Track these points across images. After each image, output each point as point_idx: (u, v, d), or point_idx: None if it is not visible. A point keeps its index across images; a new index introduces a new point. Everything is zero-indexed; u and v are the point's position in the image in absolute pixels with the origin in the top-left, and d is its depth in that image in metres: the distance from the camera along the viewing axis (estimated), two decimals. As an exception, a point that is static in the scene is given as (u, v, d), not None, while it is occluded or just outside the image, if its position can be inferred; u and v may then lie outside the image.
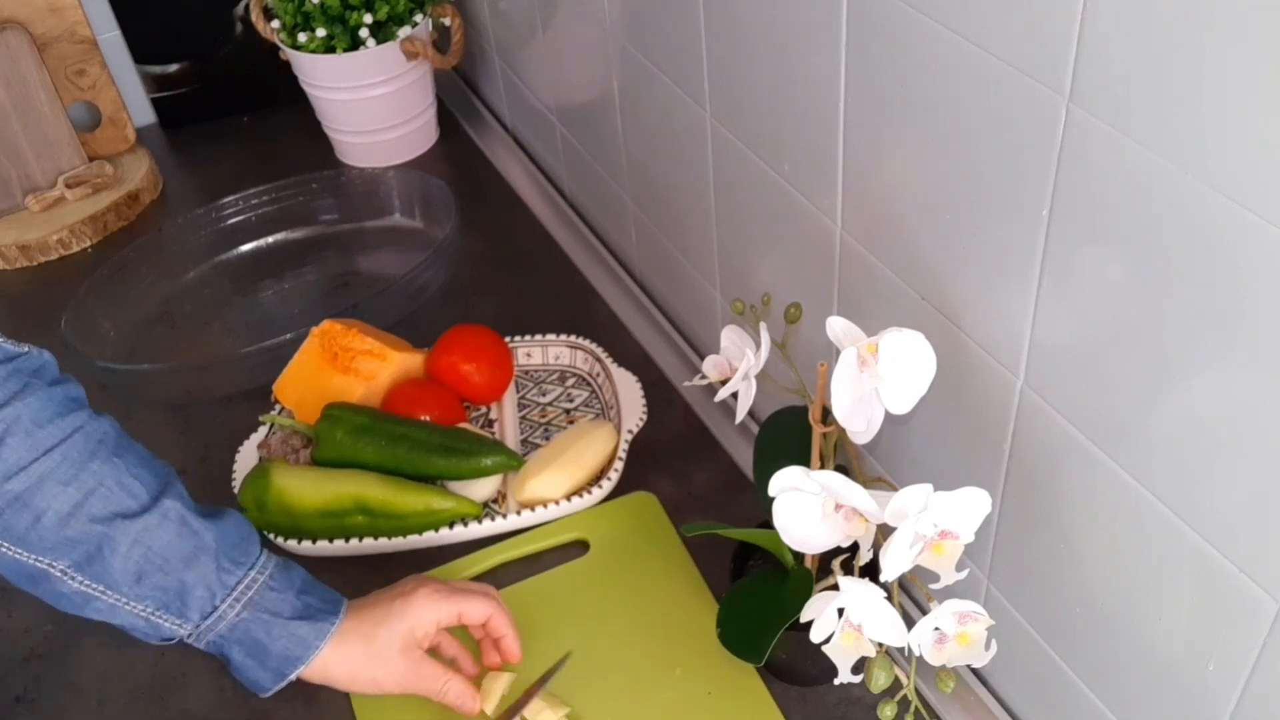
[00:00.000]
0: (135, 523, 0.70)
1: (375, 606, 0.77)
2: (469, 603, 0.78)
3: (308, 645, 0.74)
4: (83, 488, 0.69)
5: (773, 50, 0.75)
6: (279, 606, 0.74)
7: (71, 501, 0.69)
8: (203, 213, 1.27)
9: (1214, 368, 0.50)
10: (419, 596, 0.77)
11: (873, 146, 0.69)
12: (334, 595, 0.78)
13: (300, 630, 0.74)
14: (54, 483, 0.69)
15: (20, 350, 0.71)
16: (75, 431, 0.70)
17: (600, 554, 0.91)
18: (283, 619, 0.74)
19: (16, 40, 1.29)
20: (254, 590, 0.74)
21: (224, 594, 0.73)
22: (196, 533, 0.72)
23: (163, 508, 0.72)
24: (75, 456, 0.69)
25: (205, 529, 0.73)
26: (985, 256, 0.62)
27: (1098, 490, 0.61)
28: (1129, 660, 0.64)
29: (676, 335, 1.12)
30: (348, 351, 1.02)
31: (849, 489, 0.63)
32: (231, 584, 0.73)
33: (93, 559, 0.70)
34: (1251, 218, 0.45)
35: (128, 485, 0.71)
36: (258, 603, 0.74)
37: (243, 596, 0.73)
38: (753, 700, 0.80)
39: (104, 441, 0.71)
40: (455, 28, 1.36)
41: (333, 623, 0.75)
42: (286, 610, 0.74)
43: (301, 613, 0.75)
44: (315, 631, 0.75)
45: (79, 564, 0.70)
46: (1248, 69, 0.43)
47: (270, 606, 0.74)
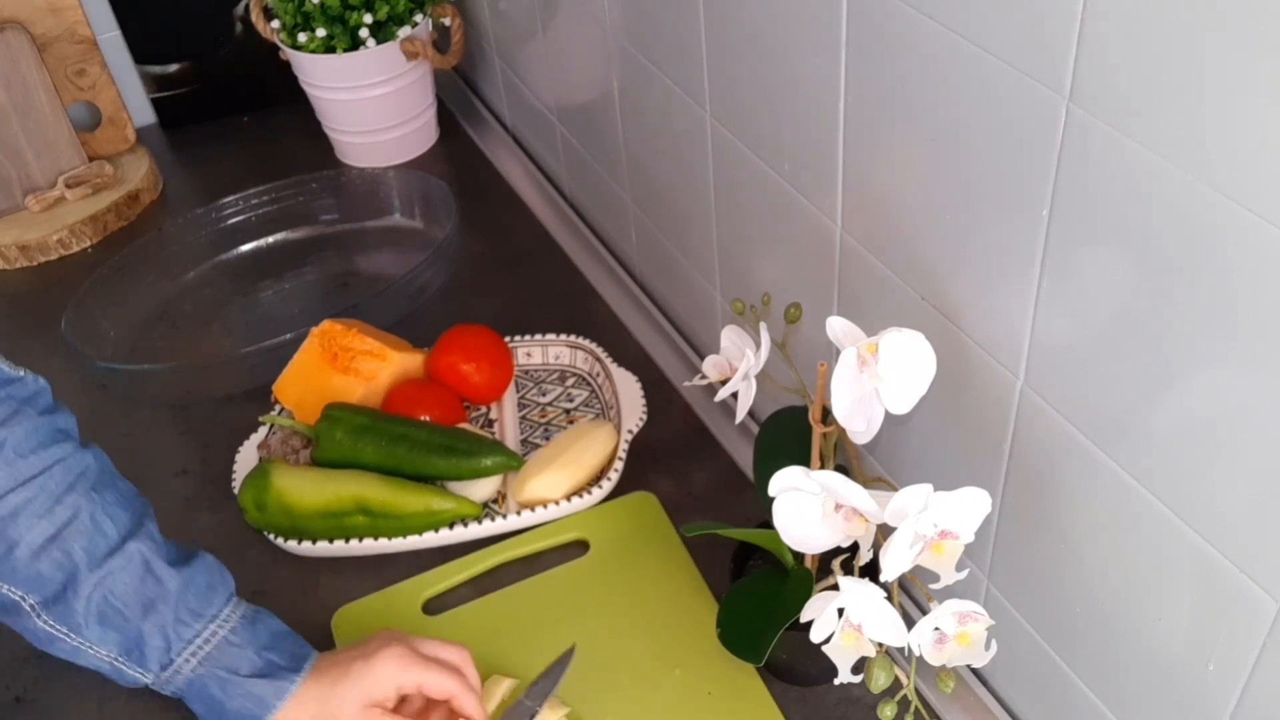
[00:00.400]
0: (100, 568, 0.69)
1: (336, 665, 0.74)
2: (432, 675, 0.74)
3: (265, 705, 0.71)
4: (57, 521, 0.69)
5: (773, 50, 0.75)
6: (237, 663, 0.72)
7: (44, 535, 0.68)
8: (203, 213, 1.27)
9: (1214, 367, 0.50)
10: (380, 659, 0.74)
11: (873, 146, 0.69)
12: (303, 650, 0.75)
13: (258, 689, 0.71)
14: (29, 514, 0.68)
15: (16, 375, 0.71)
16: (56, 464, 0.69)
17: (600, 554, 0.91)
18: (240, 676, 0.71)
19: (16, 40, 1.29)
20: (212, 645, 0.72)
21: (180, 646, 0.71)
22: (159, 580, 0.71)
23: (128, 551, 0.70)
24: (52, 489, 0.69)
25: (169, 577, 0.71)
26: (985, 256, 0.62)
27: (1098, 490, 0.61)
28: (1129, 660, 0.64)
29: (676, 335, 1.12)
30: (348, 351, 1.02)
31: (849, 489, 0.63)
32: (188, 636, 0.71)
33: (58, 598, 0.69)
34: (1251, 218, 0.45)
35: (100, 524, 0.70)
36: (215, 658, 0.71)
37: (199, 651, 0.71)
38: (753, 700, 0.80)
39: (84, 475, 0.71)
40: (455, 28, 1.36)
41: (294, 681, 0.72)
42: (245, 668, 0.72)
43: (261, 670, 0.72)
44: (274, 691, 0.72)
45: (47, 601, 0.69)
46: (1248, 69, 0.43)
47: (228, 664, 0.72)
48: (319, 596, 0.91)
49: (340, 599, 0.90)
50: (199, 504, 1.00)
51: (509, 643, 0.85)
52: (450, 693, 0.75)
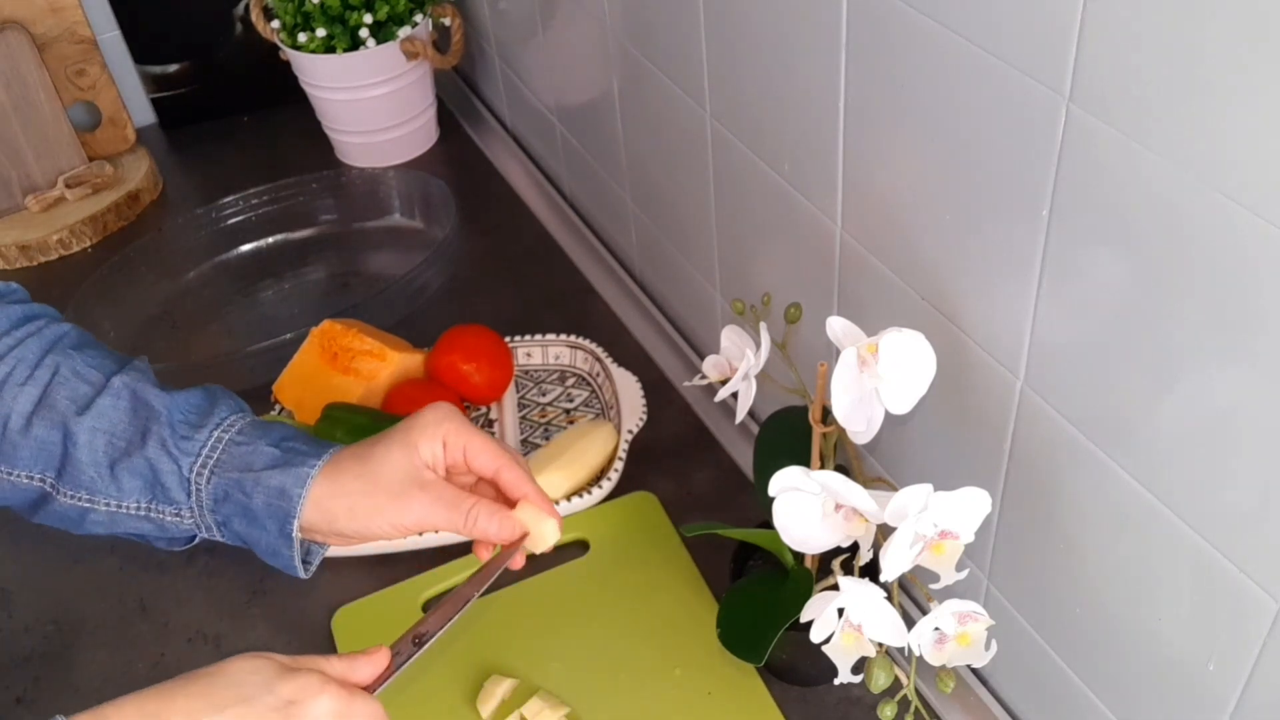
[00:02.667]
0: (90, 409, 0.65)
1: (374, 442, 0.67)
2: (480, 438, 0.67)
3: (288, 495, 0.65)
4: (39, 383, 0.66)
5: (773, 50, 0.75)
6: (249, 460, 0.65)
7: (31, 400, 0.65)
8: (203, 213, 1.27)
9: (1214, 367, 0.50)
10: (424, 413, 0.67)
11: (873, 146, 0.69)
12: (325, 445, 0.68)
13: (275, 479, 0.65)
14: (11, 385, 0.66)
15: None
16: (30, 337, 0.67)
17: (600, 554, 0.91)
18: (255, 471, 0.65)
19: (16, 40, 1.29)
20: (219, 451, 0.66)
21: (189, 461, 0.66)
22: (148, 404, 0.66)
23: (114, 387, 0.66)
24: (29, 357, 0.66)
25: (157, 397, 0.66)
26: (985, 256, 0.62)
27: (1098, 490, 0.61)
28: (1129, 660, 0.64)
29: (676, 335, 1.12)
30: (348, 351, 1.02)
31: (849, 489, 0.63)
32: (194, 450, 0.66)
33: (65, 459, 0.66)
34: (1251, 217, 0.45)
35: (83, 373, 0.67)
36: (226, 463, 0.66)
37: (209, 460, 0.66)
38: (753, 700, 0.80)
39: (62, 339, 0.68)
40: (455, 28, 1.36)
41: (313, 464, 0.65)
42: (258, 462, 0.65)
43: (276, 461, 0.65)
44: (294, 478, 0.65)
45: (58, 471, 0.66)
46: (1248, 69, 0.43)
47: (239, 463, 0.65)
48: (319, 596, 0.91)
49: (340, 599, 0.90)
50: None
51: (509, 643, 0.85)
52: (500, 463, 0.67)
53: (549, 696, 0.80)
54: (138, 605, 0.92)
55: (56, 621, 0.92)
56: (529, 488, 0.67)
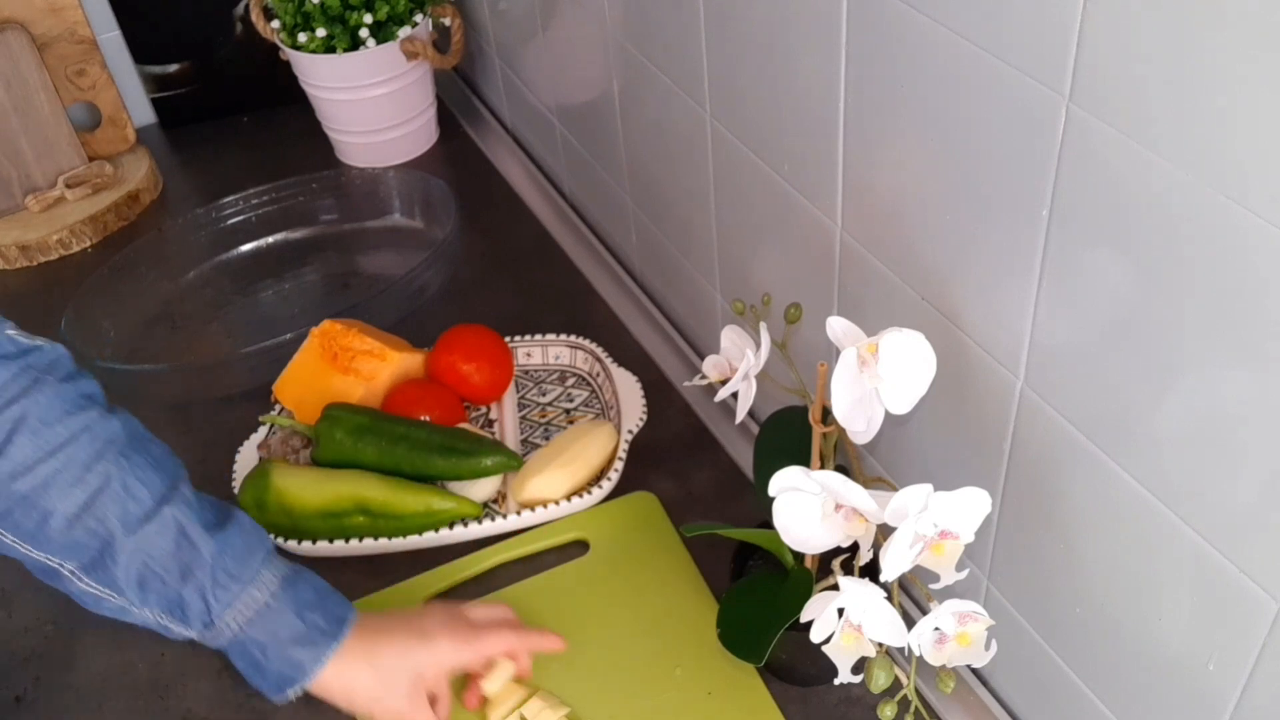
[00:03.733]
0: (136, 531, 0.69)
1: (391, 636, 0.76)
2: (489, 644, 0.78)
3: (303, 670, 0.73)
4: (88, 489, 0.68)
5: (773, 50, 0.75)
6: (276, 628, 0.72)
7: (77, 504, 0.68)
8: (203, 213, 1.27)
9: (1214, 367, 0.50)
10: (439, 642, 0.76)
11: (873, 146, 0.69)
12: (341, 611, 0.75)
13: (296, 655, 0.72)
14: (61, 484, 0.67)
15: (33, 344, 0.70)
16: (83, 431, 0.68)
17: (601, 554, 0.91)
18: (279, 641, 0.72)
19: (16, 40, 1.29)
20: (252, 609, 0.72)
21: (220, 609, 0.71)
22: (194, 545, 0.70)
23: (163, 516, 0.70)
24: (82, 458, 0.68)
25: (204, 541, 0.71)
26: (985, 256, 0.62)
27: (1098, 490, 0.61)
28: (1129, 660, 0.64)
29: (676, 335, 1.12)
30: (348, 351, 1.02)
31: (849, 489, 0.63)
32: (227, 600, 0.71)
33: (97, 563, 0.69)
34: (1251, 217, 0.45)
35: (132, 489, 0.69)
36: (256, 622, 0.72)
37: (240, 615, 0.72)
38: (753, 700, 0.80)
39: (112, 441, 0.70)
40: (455, 28, 1.36)
41: (331, 648, 0.73)
42: (284, 632, 0.72)
43: (300, 637, 0.73)
44: (311, 657, 0.73)
45: (85, 567, 0.69)
46: (1247, 68, 0.43)
47: (268, 628, 0.72)
48: (319, 596, 0.91)
49: (340, 599, 0.90)
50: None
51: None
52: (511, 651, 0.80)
53: (549, 696, 0.80)
54: (138, 605, 0.92)
55: (56, 621, 0.92)
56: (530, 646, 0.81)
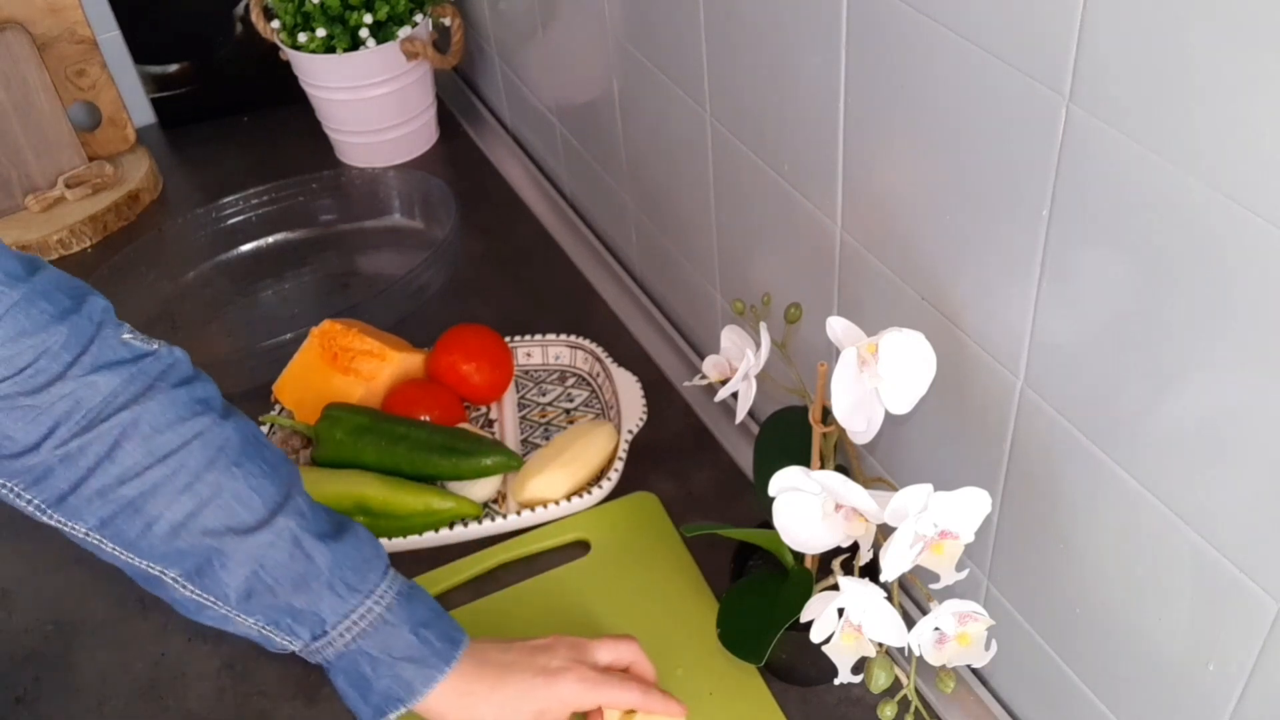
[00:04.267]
0: (247, 540, 0.67)
1: (513, 670, 0.73)
2: (615, 693, 0.74)
3: (412, 690, 0.70)
4: (197, 498, 0.66)
5: (773, 50, 0.75)
6: (390, 643, 0.69)
7: (184, 512, 0.65)
8: (203, 213, 1.27)
9: (1214, 367, 0.50)
10: (564, 682, 0.72)
11: (873, 146, 0.69)
12: (455, 634, 0.72)
13: (408, 673, 0.70)
14: (168, 491, 0.65)
15: (149, 349, 0.68)
16: (195, 438, 0.66)
17: (601, 554, 0.91)
18: (391, 658, 0.69)
19: (16, 40, 1.29)
20: (366, 621, 0.69)
21: (335, 620, 0.69)
22: (310, 557, 0.68)
23: (276, 526, 0.67)
24: (192, 465, 0.66)
25: (320, 553, 0.68)
26: (985, 256, 0.62)
27: (1098, 490, 0.61)
28: (1129, 660, 0.64)
29: (676, 335, 1.12)
30: (348, 351, 1.02)
31: (849, 489, 0.63)
32: (344, 612, 0.69)
33: (203, 571, 0.67)
34: (1251, 218, 0.45)
35: (244, 498, 0.67)
36: (370, 635, 0.69)
37: (354, 628, 0.69)
38: (754, 700, 0.80)
39: (224, 449, 0.67)
40: (455, 28, 1.36)
41: (443, 671, 0.70)
42: (398, 649, 0.69)
43: (414, 654, 0.70)
44: (422, 678, 0.70)
45: (189, 574, 0.67)
46: (1247, 68, 0.43)
47: (381, 643, 0.69)
48: (319, 596, 0.91)
49: (340, 599, 0.90)
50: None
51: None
52: (631, 703, 0.75)
53: None
54: (138, 605, 0.92)
55: (56, 621, 0.92)
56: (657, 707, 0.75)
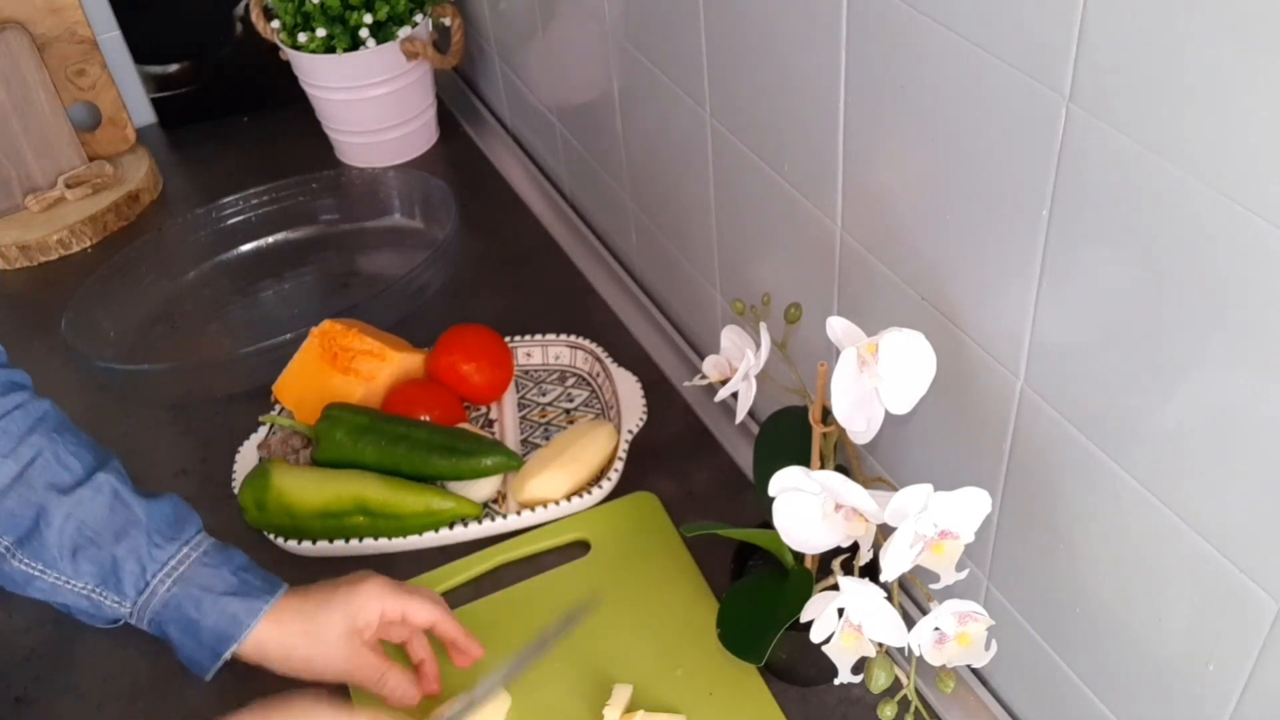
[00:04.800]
0: (69, 496, 0.72)
1: (319, 591, 0.77)
2: (415, 603, 0.78)
3: (239, 622, 0.74)
4: (20, 460, 0.71)
5: (773, 50, 0.75)
6: (211, 582, 0.74)
7: (10, 474, 0.70)
8: (203, 213, 1.27)
9: (1214, 367, 0.50)
10: (366, 586, 0.77)
11: (873, 146, 0.69)
12: (274, 578, 0.78)
13: (232, 606, 0.74)
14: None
15: None
16: (15, 408, 0.72)
17: (602, 554, 0.91)
18: (214, 594, 0.73)
19: (16, 40, 1.29)
20: (185, 565, 0.74)
21: (155, 569, 0.73)
22: (128, 506, 0.73)
23: (96, 481, 0.73)
24: (14, 430, 0.71)
25: (138, 504, 0.74)
26: (985, 257, 0.62)
27: (1097, 490, 0.61)
28: (1129, 660, 0.64)
29: (676, 335, 1.12)
30: (348, 351, 1.02)
31: (849, 489, 0.63)
32: (163, 559, 0.73)
33: (30, 534, 0.71)
34: (1251, 218, 0.45)
35: (64, 460, 0.72)
36: (190, 578, 0.74)
37: (174, 572, 0.73)
38: (755, 700, 0.80)
39: (44, 419, 0.73)
40: (455, 28, 1.36)
41: (267, 600, 0.75)
42: (219, 586, 0.74)
43: (235, 589, 0.74)
44: (248, 609, 0.74)
45: (20, 540, 0.71)
46: (1247, 69, 0.43)
47: (202, 582, 0.74)
48: (319, 596, 0.91)
49: (340, 599, 0.90)
50: (199, 504, 0.99)
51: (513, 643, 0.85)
52: (433, 618, 0.79)
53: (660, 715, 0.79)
54: (138, 605, 0.92)
55: (56, 621, 0.92)
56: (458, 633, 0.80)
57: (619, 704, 0.78)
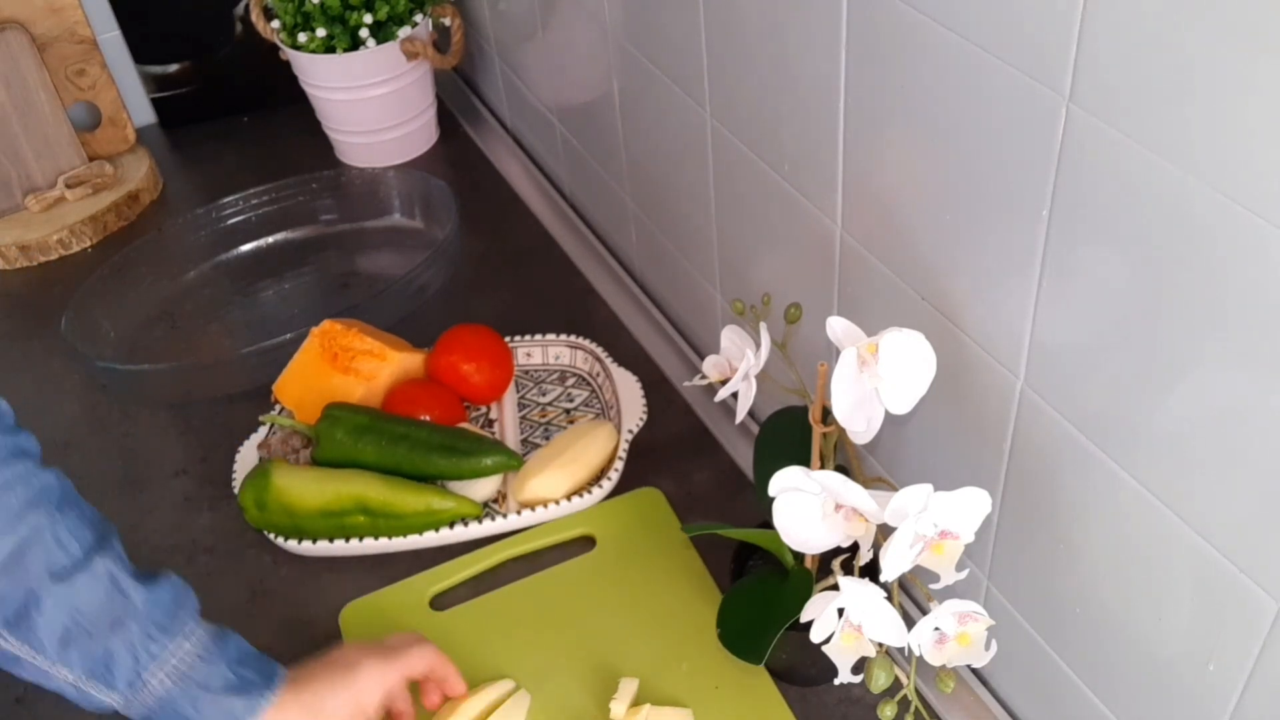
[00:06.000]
0: (65, 583, 0.67)
1: (317, 679, 0.74)
2: (409, 660, 0.77)
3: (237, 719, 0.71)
4: (16, 538, 0.66)
5: (773, 50, 0.75)
6: (208, 679, 0.70)
7: (4, 552, 0.66)
8: (203, 213, 1.27)
9: (1213, 367, 0.50)
10: (364, 670, 0.75)
11: (873, 146, 0.69)
12: (270, 666, 0.74)
13: (232, 705, 0.70)
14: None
15: None
16: (17, 481, 0.67)
17: (607, 549, 0.91)
18: (212, 692, 0.70)
19: (16, 40, 1.29)
20: (183, 662, 0.70)
21: (149, 662, 0.69)
22: (126, 595, 0.69)
23: (94, 567, 0.68)
24: (13, 505, 0.67)
25: (136, 592, 0.69)
26: (985, 256, 0.62)
27: (1098, 490, 0.61)
28: (1129, 660, 0.64)
29: (676, 335, 1.12)
30: (348, 351, 1.02)
31: (849, 489, 0.63)
32: (157, 653, 0.69)
33: (21, 618, 0.67)
34: (1251, 217, 0.45)
35: (63, 541, 0.68)
36: (187, 675, 0.69)
37: (172, 670, 0.69)
38: (759, 695, 0.80)
39: (45, 493, 0.68)
40: (455, 28, 1.36)
41: (266, 696, 0.71)
42: (217, 683, 0.70)
43: (234, 686, 0.70)
44: (247, 706, 0.70)
45: (9, 621, 0.67)
46: (1247, 69, 0.43)
47: (199, 679, 0.70)
48: (319, 596, 0.91)
49: (341, 599, 0.90)
50: (199, 504, 1.00)
51: (517, 638, 0.85)
52: (428, 666, 0.78)
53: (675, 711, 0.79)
54: (138, 605, 0.92)
55: (57, 621, 0.92)
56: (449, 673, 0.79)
57: (625, 698, 0.78)
